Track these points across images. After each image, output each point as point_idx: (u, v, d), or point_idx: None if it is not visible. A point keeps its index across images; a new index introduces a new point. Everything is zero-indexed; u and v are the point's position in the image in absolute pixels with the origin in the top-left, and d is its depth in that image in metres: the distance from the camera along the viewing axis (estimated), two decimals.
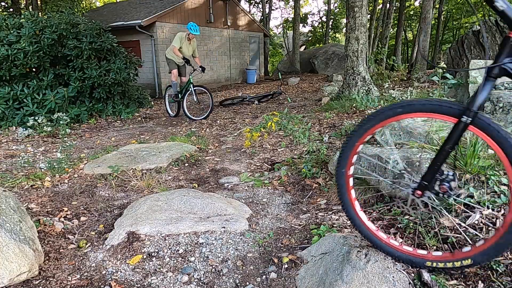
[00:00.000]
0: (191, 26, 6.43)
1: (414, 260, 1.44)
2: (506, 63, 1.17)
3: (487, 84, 1.21)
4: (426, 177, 1.38)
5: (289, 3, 27.52)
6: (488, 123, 1.21)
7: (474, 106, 1.20)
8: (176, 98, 6.79)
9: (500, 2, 1.13)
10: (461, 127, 1.25)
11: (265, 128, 4.68)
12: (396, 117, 1.37)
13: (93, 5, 22.89)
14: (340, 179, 1.57)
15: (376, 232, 1.55)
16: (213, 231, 2.05)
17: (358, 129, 1.47)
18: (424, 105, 1.30)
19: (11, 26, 6.45)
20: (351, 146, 1.50)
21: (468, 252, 1.33)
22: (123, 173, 3.24)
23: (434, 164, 1.35)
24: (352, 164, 1.55)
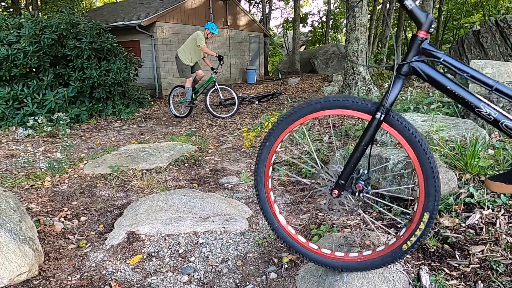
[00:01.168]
0: (212, 25, 6.45)
1: (333, 263, 1.45)
2: (414, 61, 1.21)
3: (397, 81, 1.23)
4: (342, 176, 1.37)
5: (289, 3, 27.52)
6: (399, 121, 1.24)
7: (387, 103, 1.23)
8: (191, 104, 6.70)
9: (409, 1, 1.17)
10: (375, 124, 1.26)
11: (263, 128, 4.68)
12: (315, 113, 1.35)
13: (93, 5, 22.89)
14: (259, 181, 1.53)
15: (295, 236, 1.55)
16: (213, 231, 2.05)
17: (275, 128, 1.43)
18: (340, 102, 1.30)
19: (11, 26, 6.45)
20: (269, 147, 1.46)
21: (370, 255, 1.39)
22: (123, 173, 3.24)
23: (350, 162, 1.34)
24: (271, 164, 1.50)
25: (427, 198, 1.24)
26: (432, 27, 1.18)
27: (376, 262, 1.37)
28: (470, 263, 1.49)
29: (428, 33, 1.19)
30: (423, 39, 1.20)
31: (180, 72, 6.70)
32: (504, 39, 6.50)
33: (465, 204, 1.85)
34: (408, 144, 1.24)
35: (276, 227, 1.57)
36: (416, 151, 1.23)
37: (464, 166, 2.00)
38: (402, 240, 1.32)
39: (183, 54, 6.53)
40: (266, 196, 1.55)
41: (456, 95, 1.18)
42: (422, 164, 1.23)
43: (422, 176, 1.24)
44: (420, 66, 1.21)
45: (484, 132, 2.42)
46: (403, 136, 1.25)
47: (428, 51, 1.20)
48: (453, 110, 3.25)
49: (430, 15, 1.18)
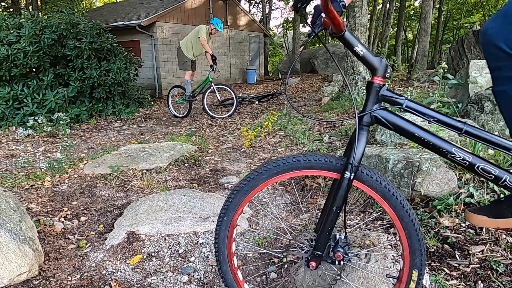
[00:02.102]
0: (218, 21, 6.42)
1: None
2: (375, 110, 1.12)
3: (361, 133, 1.12)
4: (318, 247, 1.23)
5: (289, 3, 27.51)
6: (370, 176, 1.14)
7: (355, 160, 1.11)
8: (190, 98, 6.66)
9: (360, 47, 1.10)
10: (345, 184, 1.13)
11: (263, 128, 4.68)
12: (274, 178, 1.20)
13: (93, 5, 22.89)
14: (222, 262, 1.35)
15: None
16: (213, 231, 2.05)
17: (231, 200, 1.26)
18: (301, 162, 1.17)
19: (11, 26, 6.45)
20: (228, 221, 1.29)
21: None
22: (123, 173, 3.24)
23: (324, 229, 1.20)
24: (233, 240, 1.34)
25: (412, 254, 1.14)
26: (388, 72, 1.10)
27: None
28: (470, 263, 1.49)
29: (384, 78, 1.11)
30: (380, 86, 1.11)
31: (180, 64, 6.71)
32: None
33: (465, 204, 1.85)
34: (383, 199, 1.14)
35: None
36: (392, 206, 1.13)
37: None
38: None
39: (185, 46, 6.52)
40: (234, 277, 1.36)
41: (426, 142, 1.09)
42: (401, 219, 1.13)
43: (403, 231, 1.14)
44: (382, 114, 1.12)
45: None
46: (377, 191, 1.14)
47: (388, 97, 1.12)
48: (453, 110, 3.25)
49: (384, 59, 1.11)
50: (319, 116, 5.29)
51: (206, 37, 6.37)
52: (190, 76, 6.66)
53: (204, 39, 6.32)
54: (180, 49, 6.57)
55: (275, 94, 8.60)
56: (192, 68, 6.68)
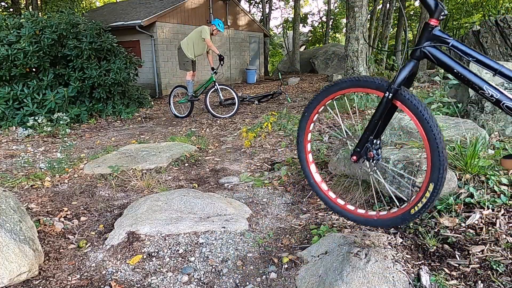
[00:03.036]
0: (219, 22, 6.43)
1: (355, 218, 1.67)
2: (425, 47, 1.34)
3: (408, 64, 1.38)
4: (359, 145, 1.58)
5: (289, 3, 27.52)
6: (409, 99, 1.37)
7: (396, 83, 1.37)
8: (193, 98, 6.65)
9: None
10: (385, 100, 1.42)
11: (262, 128, 4.68)
12: (342, 91, 1.58)
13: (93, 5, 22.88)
14: (300, 145, 1.85)
15: (327, 192, 1.80)
16: (213, 231, 2.05)
17: (312, 102, 1.72)
18: (362, 82, 1.51)
19: (11, 26, 6.45)
20: (307, 117, 1.76)
21: (385, 215, 1.55)
22: (123, 173, 3.24)
23: (364, 134, 1.55)
24: (310, 131, 1.82)
25: (433, 169, 1.34)
26: (442, 15, 1.29)
27: (388, 221, 1.53)
28: (470, 263, 1.49)
29: (438, 20, 1.30)
30: (433, 26, 1.31)
31: (181, 64, 6.69)
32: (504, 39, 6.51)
33: (465, 204, 1.85)
34: (417, 120, 1.35)
35: (311, 183, 1.85)
36: (423, 127, 1.33)
37: (464, 166, 2.00)
38: (411, 205, 1.44)
39: (186, 46, 6.51)
40: (305, 157, 1.85)
41: (462, 77, 1.28)
42: (429, 139, 1.33)
43: (429, 149, 1.34)
44: (430, 50, 1.33)
45: (484, 132, 2.42)
46: (412, 112, 1.36)
47: (439, 37, 1.31)
48: (453, 110, 3.24)
49: (441, 4, 1.28)
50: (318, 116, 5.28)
51: (209, 38, 6.38)
52: (191, 76, 6.65)
53: (210, 41, 6.34)
54: (180, 49, 6.56)
55: (275, 94, 8.59)
56: (193, 68, 6.69)
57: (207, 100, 6.53)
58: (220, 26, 6.45)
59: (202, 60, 9.97)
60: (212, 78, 6.56)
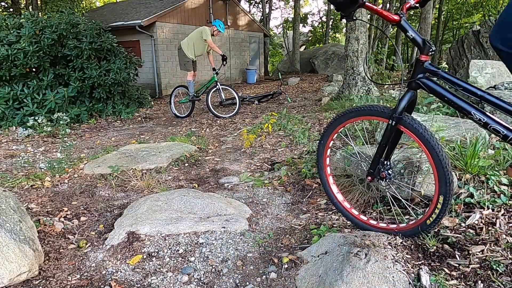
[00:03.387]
0: (220, 23, 6.45)
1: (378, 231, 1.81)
2: (420, 78, 1.54)
3: (407, 94, 1.58)
4: (372, 167, 1.79)
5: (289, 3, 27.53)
6: (411, 124, 1.55)
7: (397, 112, 1.57)
8: (194, 98, 6.66)
9: (410, 32, 1.50)
10: (389, 127, 1.61)
11: (263, 129, 4.68)
12: (352, 119, 1.79)
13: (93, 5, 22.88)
14: (320, 169, 2.08)
15: (358, 215, 1.95)
16: (213, 231, 2.05)
17: (326, 131, 1.95)
18: (369, 110, 1.72)
19: (11, 26, 6.45)
20: (324, 143, 1.99)
21: (405, 226, 1.73)
22: (123, 173, 3.24)
23: (375, 157, 1.75)
24: (328, 156, 2.04)
25: (440, 184, 1.50)
26: (431, 51, 1.48)
27: (408, 231, 1.69)
28: (470, 263, 1.49)
29: (428, 56, 1.50)
30: (424, 61, 1.52)
31: (182, 65, 6.68)
32: None
33: (465, 204, 1.85)
34: (421, 141, 1.52)
35: (335, 202, 2.06)
36: (427, 147, 1.50)
37: (464, 166, 2.00)
38: (426, 216, 1.60)
39: (186, 46, 6.50)
40: (326, 179, 2.08)
41: (452, 103, 1.47)
42: (433, 157, 1.49)
43: (434, 166, 1.50)
44: (424, 81, 1.53)
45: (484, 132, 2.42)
46: (415, 135, 1.54)
47: (429, 69, 1.51)
48: (453, 110, 3.24)
49: (428, 42, 1.48)
50: (318, 116, 5.29)
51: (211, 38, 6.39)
52: (192, 76, 6.65)
53: (211, 42, 6.34)
54: (181, 50, 6.56)
55: (275, 94, 8.59)
56: (193, 68, 6.69)
57: (209, 100, 6.53)
58: (221, 27, 6.45)
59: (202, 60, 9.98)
60: (214, 78, 6.56)
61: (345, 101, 5.85)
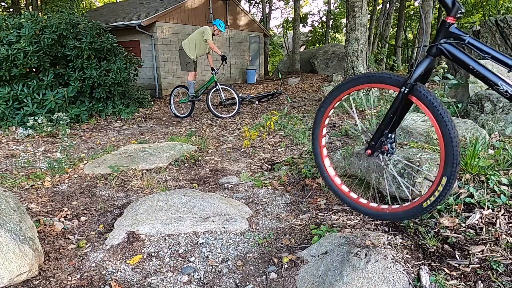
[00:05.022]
0: (220, 23, 6.42)
1: (368, 212, 1.69)
2: (442, 43, 1.38)
3: (425, 60, 1.42)
4: (373, 139, 1.62)
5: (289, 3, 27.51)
6: (425, 95, 1.40)
7: (412, 79, 1.41)
8: (194, 98, 6.65)
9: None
10: (401, 96, 1.45)
11: (264, 128, 4.68)
12: (359, 86, 1.62)
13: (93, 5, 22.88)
14: (315, 139, 1.87)
15: (340, 186, 1.83)
16: (213, 231, 2.05)
17: (328, 97, 1.75)
18: (378, 77, 1.54)
19: (11, 26, 6.45)
20: (323, 111, 1.79)
21: (397, 208, 1.58)
22: (123, 173, 3.24)
23: (379, 128, 1.59)
24: (325, 125, 1.84)
25: (446, 164, 1.37)
26: (459, 13, 1.34)
27: (399, 214, 1.55)
28: (470, 263, 1.49)
29: (455, 18, 1.35)
30: (450, 24, 1.35)
31: (183, 65, 6.66)
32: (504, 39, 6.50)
33: (465, 204, 1.85)
34: (432, 115, 1.39)
35: (325, 177, 1.88)
36: (438, 122, 1.37)
37: (464, 166, 2.00)
38: (423, 199, 1.45)
39: (187, 47, 6.49)
40: (320, 151, 1.87)
41: (477, 73, 1.32)
42: (443, 134, 1.36)
43: (443, 144, 1.37)
44: (447, 47, 1.37)
45: (484, 132, 2.42)
46: (427, 107, 1.39)
47: (455, 34, 1.35)
48: (453, 110, 3.24)
49: (458, 2, 1.32)
50: None
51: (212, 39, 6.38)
52: (193, 76, 6.65)
53: (212, 42, 6.33)
54: (182, 50, 6.54)
55: (275, 94, 8.59)
56: (194, 68, 6.69)
57: (209, 100, 6.53)
58: (221, 26, 6.44)
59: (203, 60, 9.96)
60: (213, 78, 6.56)
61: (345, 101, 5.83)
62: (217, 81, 6.57)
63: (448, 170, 1.36)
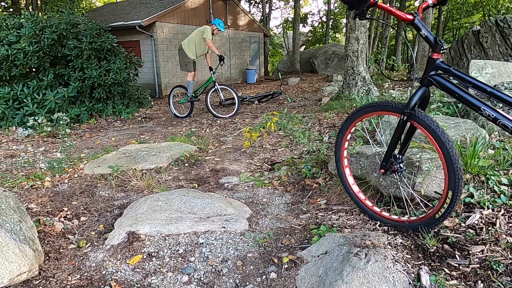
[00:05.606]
0: (219, 22, 6.42)
1: (390, 223, 1.90)
2: (432, 75, 1.61)
3: (419, 90, 1.64)
4: (384, 160, 1.88)
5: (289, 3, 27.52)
6: (423, 119, 1.61)
7: (409, 108, 1.64)
8: (193, 98, 6.64)
9: (423, 31, 1.58)
10: (401, 122, 1.68)
11: (265, 128, 4.68)
12: (368, 114, 1.88)
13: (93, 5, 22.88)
14: (338, 161, 2.17)
15: (364, 201, 2.08)
16: (213, 231, 2.05)
17: (344, 125, 2.03)
18: (383, 106, 1.80)
19: (11, 26, 6.45)
20: (342, 136, 2.08)
21: (414, 219, 1.80)
22: (123, 173, 3.24)
23: (388, 150, 1.84)
24: (345, 148, 2.14)
25: (450, 179, 1.54)
26: (442, 49, 1.56)
27: (417, 224, 1.73)
28: (470, 263, 1.49)
29: (439, 54, 1.57)
30: (436, 59, 1.59)
31: (183, 65, 6.64)
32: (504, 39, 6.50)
33: (465, 204, 1.85)
34: (432, 137, 1.57)
35: (350, 193, 2.15)
36: (438, 142, 1.55)
37: (464, 166, 2.00)
38: (435, 210, 1.65)
39: (187, 47, 6.48)
40: (343, 171, 2.17)
41: (463, 99, 1.53)
42: (444, 153, 1.53)
43: (444, 162, 1.55)
44: (435, 78, 1.60)
45: (484, 132, 2.42)
46: (427, 130, 1.59)
47: (441, 67, 1.59)
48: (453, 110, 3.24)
49: (440, 41, 1.54)
50: (318, 116, 5.29)
51: (211, 38, 6.38)
52: (192, 76, 6.65)
53: (210, 41, 6.32)
54: (182, 50, 6.54)
55: (275, 94, 8.59)
56: (194, 68, 6.69)
57: (208, 100, 6.52)
58: (221, 26, 6.44)
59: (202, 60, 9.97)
60: (212, 78, 6.56)
61: (345, 101, 5.85)
62: (216, 81, 6.57)
63: (452, 184, 1.53)
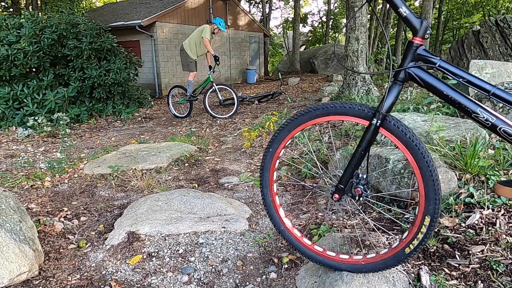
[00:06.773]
0: (220, 21, 6.41)
1: (338, 265, 1.48)
2: (410, 68, 1.20)
3: (394, 87, 1.23)
4: (342, 181, 1.38)
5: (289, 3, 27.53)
6: (396, 126, 1.23)
7: (383, 109, 1.23)
8: (191, 98, 6.66)
9: (403, 8, 1.16)
10: (372, 129, 1.26)
11: (264, 128, 4.68)
12: (314, 120, 1.37)
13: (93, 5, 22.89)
14: (264, 188, 1.58)
15: (301, 238, 1.57)
16: (213, 231, 2.05)
17: (277, 135, 1.47)
18: (338, 108, 1.31)
19: (11, 26, 6.45)
20: (273, 152, 1.50)
21: (373, 258, 1.40)
22: (123, 173, 3.24)
23: (349, 167, 1.35)
24: (276, 169, 1.55)
25: (427, 201, 1.22)
26: (427, 33, 1.17)
27: (379, 265, 1.37)
28: (470, 263, 1.49)
29: (423, 39, 1.18)
30: (418, 45, 1.19)
31: (185, 65, 6.64)
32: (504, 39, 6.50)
33: (465, 204, 1.85)
34: (406, 148, 1.23)
35: (282, 230, 1.60)
36: (414, 155, 1.21)
37: (464, 166, 2.00)
38: (404, 243, 1.30)
39: (188, 47, 6.49)
40: (272, 200, 1.60)
41: (452, 100, 1.17)
42: (420, 168, 1.21)
43: (421, 179, 1.22)
44: (416, 72, 1.21)
45: (484, 132, 2.42)
46: (401, 140, 1.24)
47: (424, 56, 1.19)
48: (453, 110, 3.24)
49: (425, 21, 1.16)
50: None
51: (209, 37, 6.37)
52: (193, 76, 6.65)
53: (207, 40, 6.32)
54: (183, 50, 6.54)
55: (275, 94, 8.59)
56: (195, 68, 6.69)
57: (206, 100, 6.53)
58: (222, 25, 6.44)
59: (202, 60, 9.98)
60: (210, 78, 6.56)
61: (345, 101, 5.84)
62: (213, 81, 6.56)
63: (431, 207, 1.22)
